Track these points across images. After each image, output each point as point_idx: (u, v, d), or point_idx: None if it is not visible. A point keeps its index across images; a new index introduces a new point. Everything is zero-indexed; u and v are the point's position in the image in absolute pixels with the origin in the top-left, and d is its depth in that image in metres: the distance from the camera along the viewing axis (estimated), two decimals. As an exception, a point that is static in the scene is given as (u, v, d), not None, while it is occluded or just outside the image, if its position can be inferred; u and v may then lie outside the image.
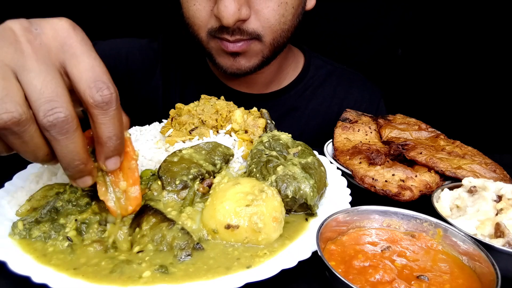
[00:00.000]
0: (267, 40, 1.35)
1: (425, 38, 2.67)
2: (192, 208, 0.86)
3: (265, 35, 1.34)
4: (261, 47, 1.37)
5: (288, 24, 1.37)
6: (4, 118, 0.61)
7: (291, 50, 1.69)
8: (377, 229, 0.82)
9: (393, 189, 1.00)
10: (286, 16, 1.34)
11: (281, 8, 1.31)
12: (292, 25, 1.40)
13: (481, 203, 0.88)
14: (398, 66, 2.77)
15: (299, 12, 1.41)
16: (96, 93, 0.66)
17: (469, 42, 2.55)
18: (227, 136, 1.14)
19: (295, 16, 1.38)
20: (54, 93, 0.64)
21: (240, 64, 1.40)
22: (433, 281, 0.67)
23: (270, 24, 1.32)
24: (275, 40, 1.38)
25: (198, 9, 1.32)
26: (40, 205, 0.87)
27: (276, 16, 1.31)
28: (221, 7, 1.21)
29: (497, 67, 2.51)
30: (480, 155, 1.16)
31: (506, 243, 0.77)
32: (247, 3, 1.27)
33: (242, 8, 1.24)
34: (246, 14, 1.26)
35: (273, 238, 0.80)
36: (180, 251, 0.75)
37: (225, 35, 1.31)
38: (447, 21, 2.58)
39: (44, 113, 0.63)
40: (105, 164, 0.76)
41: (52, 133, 0.65)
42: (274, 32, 1.35)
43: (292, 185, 0.89)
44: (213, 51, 1.41)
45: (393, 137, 1.25)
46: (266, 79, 1.63)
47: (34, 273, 0.68)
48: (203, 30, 1.36)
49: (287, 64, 1.67)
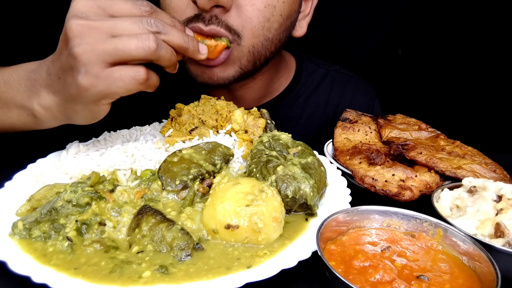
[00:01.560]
0: (246, 43, 1.21)
1: (424, 38, 2.67)
2: (192, 208, 0.86)
3: (243, 37, 1.20)
4: (238, 54, 1.23)
5: (272, 33, 1.24)
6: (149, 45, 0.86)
7: (283, 59, 1.59)
8: (377, 229, 0.82)
9: (393, 189, 1.00)
10: (271, 22, 1.22)
11: (267, 10, 1.19)
12: (277, 38, 1.27)
13: (481, 203, 0.88)
14: (398, 66, 2.77)
15: (286, 26, 1.29)
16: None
17: (469, 42, 2.55)
18: (227, 136, 1.14)
19: (281, 26, 1.26)
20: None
21: (212, 73, 1.25)
22: (433, 281, 0.67)
23: (252, 26, 1.19)
24: (256, 47, 1.24)
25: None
26: (40, 205, 0.87)
27: (260, 18, 1.19)
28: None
29: (497, 67, 2.51)
30: (480, 155, 1.16)
31: (506, 243, 0.77)
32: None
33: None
34: (225, 1, 1.12)
35: (273, 238, 0.80)
36: (180, 251, 0.75)
37: (199, 23, 1.14)
38: (447, 21, 2.59)
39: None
40: (200, 53, 1.02)
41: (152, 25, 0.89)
42: (255, 36, 1.21)
43: (292, 185, 0.89)
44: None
45: (393, 137, 1.25)
46: (255, 94, 1.51)
47: (34, 273, 0.68)
48: None
49: (278, 76, 1.57)
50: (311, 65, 1.69)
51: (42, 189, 0.92)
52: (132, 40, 0.85)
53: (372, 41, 2.67)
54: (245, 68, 1.29)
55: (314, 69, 1.68)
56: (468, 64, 2.59)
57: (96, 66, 0.84)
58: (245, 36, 1.21)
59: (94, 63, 0.84)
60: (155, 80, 0.92)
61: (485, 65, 2.54)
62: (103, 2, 0.89)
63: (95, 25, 0.86)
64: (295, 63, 1.66)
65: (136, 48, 0.85)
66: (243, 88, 1.44)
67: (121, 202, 0.88)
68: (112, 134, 1.19)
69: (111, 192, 0.90)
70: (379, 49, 2.70)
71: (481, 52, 2.54)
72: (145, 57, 0.87)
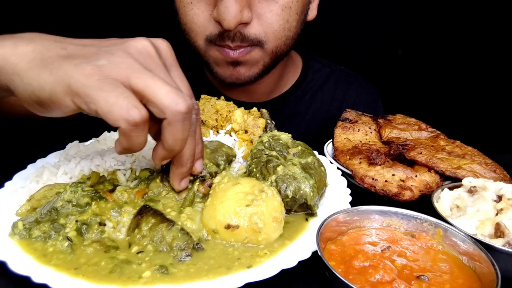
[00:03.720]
0: (269, 47, 1.30)
1: (425, 38, 2.67)
2: (192, 209, 0.86)
3: (267, 41, 1.28)
4: (262, 54, 1.31)
5: (292, 31, 1.31)
6: (133, 116, 0.67)
7: (289, 55, 1.63)
8: (377, 229, 0.82)
9: (393, 189, 1.00)
10: (290, 22, 1.28)
11: (285, 13, 1.25)
12: (296, 33, 1.35)
13: (481, 203, 0.88)
14: (398, 66, 2.77)
15: (302, 19, 1.36)
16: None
17: (469, 42, 2.55)
18: (227, 136, 1.14)
19: (299, 22, 1.33)
20: (188, 88, 0.81)
21: (239, 74, 1.34)
22: (433, 281, 0.67)
23: (274, 30, 1.26)
24: (278, 47, 1.32)
25: (196, 13, 1.25)
26: (40, 205, 0.87)
27: (280, 21, 1.26)
28: (221, 8, 1.15)
29: (497, 67, 2.51)
30: (480, 155, 1.16)
31: (506, 243, 0.77)
32: (249, 6, 1.21)
33: (244, 11, 1.18)
34: (248, 17, 1.20)
35: (273, 238, 0.80)
36: (180, 251, 0.75)
37: (226, 42, 1.24)
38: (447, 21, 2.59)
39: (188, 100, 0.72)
40: (195, 167, 0.88)
41: (192, 118, 0.75)
42: (277, 39, 1.29)
43: (292, 185, 0.89)
44: (211, 60, 1.34)
45: (393, 137, 1.25)
46: (266, 88, 1.58)
47: (34, 273, 0.68)
48: (201, 37, 1.29)
49: (287, 71, 1.63)
50: (317, 63, 1.73)
51: (42, 189, 0.92)
52: (165, 87, 0.70)
53: (372, 41, 2.67)
54: (267, 65, 1.37)
55: (319, 68, 1.72)
56: (468, 64, 2.59)
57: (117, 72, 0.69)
58: (268, 40, 1.28)
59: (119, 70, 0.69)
60: (141, 141, 0.72)
61: (485, 65, 2.54)
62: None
63: (152, 63, 0.75)
64: (301, 61, 1.71)
65: (164, 96, 0.69)
66: (257, 83, 1.47)
67: (121, 202, 0.88)
68: (112, 134, 1.19)
69: (111, 192, 0.90)
70: (379, 49, 2.70)
71: (481, 52, 2.54)
72: (168, 109, 0.70)
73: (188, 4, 1.26)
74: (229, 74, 1.35)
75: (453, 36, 2.58)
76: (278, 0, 1.23)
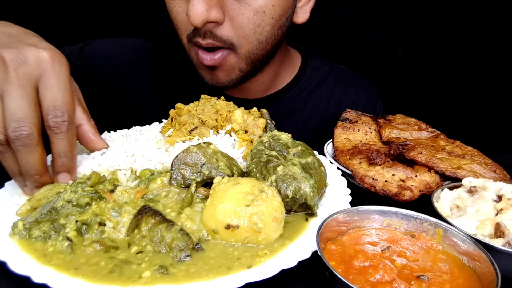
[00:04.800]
0: (242, 51, 1.31)
1: (424, 37, 2.67)
2: (192, 209, 0.86)
3: (239, 45, 1.29)
4: (237, 59, 1.33)
5: (265, 35, 1.31)
6: None
7: (288, 53, 1.66)
8: (377, 229, 0.82)
9: (393, 189, 1.00)
10: (262, 27, 1.28)
11: (257, 17, 1.25)
12: (271, 37, 1.34)
13: (481, 203, 0.88)
14: (398, 66, 2.77)
15: (281, 23, 1.34)
16: (51, 118, 0.85)
17: (469, 42, 2.55)
18: (227, 136, 1.14)
19: (275, 27, 1.32)
20: (23, 114, 0.81)
21: (218, 78, 1.38)
22: (433, 281, 0.67)
23: (244, 34, 1.27)
24: (251, 52, 1.33)
25: (178, 11, 1.29)
26: (40, 205, 0.87)
27: (251, 26, 1.26)
28: (189, 6, 1.18)
29: (497, 67, 2.51)
30: (480, 155, 1.16)
31: (506, 243, 0.77)
32: (221, 6, 1.22)
33: (212, 10, 1.19)
34: (216, 17, 1.21)
35: (273, 238, 0.80)
36: (179, 252, 0.75)
37: (197, 38, 1.27)
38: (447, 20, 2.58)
39: (12, 129, 0.80)
40: (56, 178, 0.93)
41: (16, 145, 0.82)
42: (249, 43, 1.30)
43: (292, 185, 0.89)
44: (194, 61, 1.39)
45: (393, 137, 1.25)
46: (261, 86, 1.59)
47: (34, 273, 0.68)
48: (184, 35, 1.33)
49: (283, 69, 1.64)
50: (316, 62, 1.73)
51: (42, 189, 0.92)
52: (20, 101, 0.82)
53: (372, 41, 2.67)
54: (245, 71, 1.39)
55: (318, 66, 1.72)
56: (468, 64, 2.59)
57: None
58: (240, 45, 1.30)
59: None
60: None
61: (485, 65, 2.54)
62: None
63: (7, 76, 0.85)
64: (301, 59, 1.71)
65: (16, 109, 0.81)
66: (250, 81, 1.49)
67: (121, 202, 0.88)
68: (112, 134, 1.19)
69: (111, 192, 0.90)
70: (379, 49, 2.70)
71: (481, 52, 2.54)
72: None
73: (172, 1, 1.29)
74: (209, 77, 1.40)
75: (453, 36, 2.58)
76: (251, 3, 1.23)
